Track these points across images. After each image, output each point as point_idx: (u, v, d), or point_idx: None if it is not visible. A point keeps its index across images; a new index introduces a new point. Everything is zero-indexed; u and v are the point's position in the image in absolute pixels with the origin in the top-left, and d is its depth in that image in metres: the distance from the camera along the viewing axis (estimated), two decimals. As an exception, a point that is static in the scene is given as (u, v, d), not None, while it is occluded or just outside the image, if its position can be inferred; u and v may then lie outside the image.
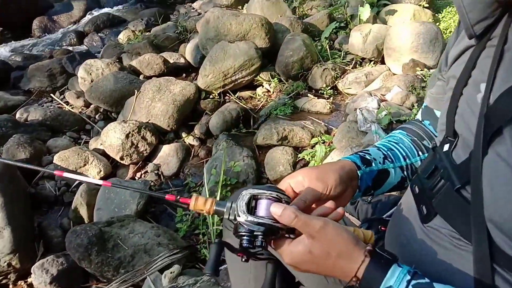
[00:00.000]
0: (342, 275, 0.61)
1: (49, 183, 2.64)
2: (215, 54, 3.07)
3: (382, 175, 0.83)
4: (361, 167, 0.81)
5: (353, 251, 0.61)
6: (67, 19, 5.41)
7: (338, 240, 0.62)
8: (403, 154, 0.87)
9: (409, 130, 0.91)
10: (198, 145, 2.90)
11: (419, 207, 0.68)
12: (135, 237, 1.99)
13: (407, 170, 0.86)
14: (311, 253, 0.62)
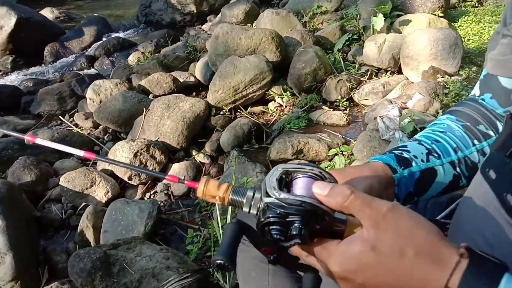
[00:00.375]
0: (422, 285, 0.41)
1: (56, 206, 2.53)
2: (224, 69, 2.98)
3: (427, 176, 0.66)
4: (397, 170, 0.64)
5: (440, 248, 0.41)
6: (78, 44, 5.43)
7: (416, 230, 0.43)
8: (453, 145, 0.69)
9: (459, 114, 0.74)
10: (209, 162, 2.77)
11: (501, 197, 0.50)
12: (143, 261, 1.84)
13: (460, 165, 0.69)
14: (375, 250, 0.42)
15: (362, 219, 0.45)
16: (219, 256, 0.45)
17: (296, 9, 4.38)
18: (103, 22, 5.87)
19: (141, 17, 6.29)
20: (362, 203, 0.45)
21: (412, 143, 0.70)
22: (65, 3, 7.57)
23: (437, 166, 0.67)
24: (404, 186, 0.64)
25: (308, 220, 0.45)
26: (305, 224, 0.45)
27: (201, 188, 0.51)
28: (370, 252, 0.43)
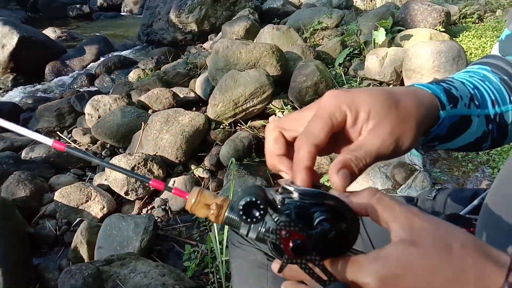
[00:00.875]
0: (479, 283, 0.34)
1: (50, 222, 2.45)
2: (224, 82, 2.94)
3: (462, 123, 0.55)
4: (446, 107, 0.51)
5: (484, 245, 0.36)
6: (79, 63, 5.44)
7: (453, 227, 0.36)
8: (492, 97, 0.57)
9: (494, 66, 0.62)
10: (208, 177, 2.71)
11: None
12: (137, 277, 1.76)
13: (493, 122, 0.57)
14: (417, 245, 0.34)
15: (392, 219, 0.37)
16: (246, 195, 0.35)
17: (296, 26, 4.39)
18: (105, 41, 5.90)
19: (142, 37, 6.33)
20: (391, 199, 0.38)
21: (457, 81, 0.58)
22: (68, 24, 7.67)
23: (475, 116, 0.56)
24: (442, 127, 0.53)
25: (333, 213, 0.37)
26: (331, 215, 0.37)
27: (191, 200, 0.41)
28: (411, 248, 0.35)
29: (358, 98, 0.44)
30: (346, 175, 0.41)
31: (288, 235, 0.34)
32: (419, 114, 0.46)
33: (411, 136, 0.45)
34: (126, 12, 8.94)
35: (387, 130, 0.43)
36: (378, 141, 0.43)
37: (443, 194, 0.74)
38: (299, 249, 0.35)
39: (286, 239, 0.34)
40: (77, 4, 8.97)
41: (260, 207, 0.34)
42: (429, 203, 0.73)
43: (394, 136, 0.43)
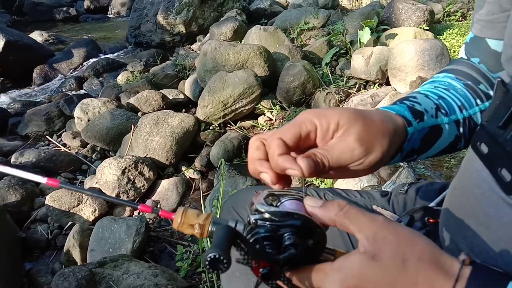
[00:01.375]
0: None
1: (41, 226, 2.46)
2: (213, 84, 2.97)
3: (434, 133, 0.60)
4: (413, 123, 0.56)
5: (440, 255, 0.40)
6: (67, 66, 5.42)
7: (414, 238, 0.41)
8: (458, 103, 0.62)
9: (458, 72, 0.67)
10: (199, 178, 2.73)
11: (495, 173, 0.46)
12: (130, 278, 1.78)
13: (464, 125, 0.62)
14: (377, 259, 0.39)
15: (358, 230, 0.42)
16: (212, 249, 0.39)
17: (283, 26, 4.43)
18: (93, 44, 5.88)
19: (130, 39, 6.32)
20: (357, 212, 0.43)
21: (420, 95, 0.63)
22: (55, 27, 7.61)
23: (444, 123, 0.61)
24: (412, 142, 0.58)
25: (301, 232, 0.41)
26: (298, 235, 0.41)
27: (177, 219, 0.44)
28: (371, 262, 0.40)
29: (328, 113, 0.49)
30: (311, 162, 0.46)
31: (257, 264, 0.40)
32: (386, 128, 0.51)
33: (379, 146, 0.49)
34: (114, 15, 8.90)
35: (352, 137, 0.48)
36: (342, 145, 0.48)
37: (415, 188, 0.78)
38: (268, 276, 0.40)
39: (256, 268, 0.40)
40: (64, 6, 8.90)
41: (224, 262, 0.38)
42: (402, 197, 0.78)
43: (360, 143, 0.48)
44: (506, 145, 0.45)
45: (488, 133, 0.49)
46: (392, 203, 0.78)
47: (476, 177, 0.50)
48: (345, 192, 0.81)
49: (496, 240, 0.46)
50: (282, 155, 0.47)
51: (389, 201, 0.79)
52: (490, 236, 0.46)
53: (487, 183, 0.48)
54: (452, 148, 0.64)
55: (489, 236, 0.47)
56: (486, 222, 0.47)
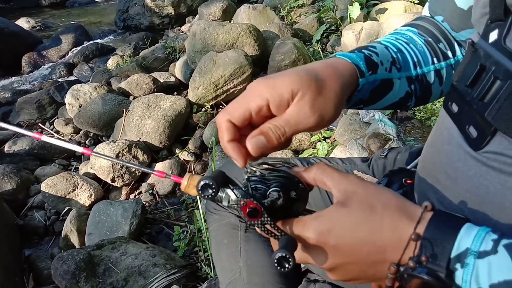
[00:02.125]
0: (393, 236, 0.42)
1: (39, 213, 2.48)
2: (203, 65, 2.95)
3: (384, 86, 0.60)
4: (365, 74, 0.56)
5: (405, 203, 0.44)
6: (56, 53, 5.35)
7: (381, 189, 0.45)
8: (414, 59, 0.62)
9: (421, 28, 0.67)
10: (193, 160, 2.75)
11: (463, 130, 0.49)
12: (128, 259, 1.81)
13: (415, 82, 0.63)
14: (346, 206, 0.44)
15: (333, 186, 0.46)
16: (204, 178, 0.45)
17: (273, 4, 4.38)
18: (81, 30, 5.79)
19: (119, 23, 6.23)
20: (332, 170, 0.47)
21: (380, 46, 0.63)
22: (42, 13, 7.47)
23: (396, 78, 0.61)
24: (363, 93, 0.58)
25: (284, 183, 0.47)
26: (282, 185, 0.47)
27: (184, 182, 0.52)
28: (342, 208, 0.44)
29: (279, 82, 0.49)
30: (259, 141, 0.48)
31: (245, 204, 0.45)
32: (337, 86, 0.51)
33: (331, 107, 0.50)
34: (101, -2, 8.73)
35: (307, 104, 0.49)
36: (297, 112, 0.49)
37: (394, 152, 0.81)
38: (253, 214, 0.45)
39: (244, 207, 0.45)
40: (49, -8, 8.71)
41: (212, 187, 0.45)
42: (381, 161, 0.80)
43: (315, 109, 0.49)
44: (473, 103, 0.47)
45: (457, 92, 0.51)
46: (372, 168, 0.81)
47: (447, 135, 0.53)
48: (328, 160, 0.83)
49: (463, 192, 0.49)
50: (230, 141, 0.49)
51: (369, 166, 0.81)
52: (458, 189, 0.49)
53: (456, 139, 0.50)
54: (401, 104, 0.65)
55: (457, 189, 0.49)
56: (454, 176, 0.50)
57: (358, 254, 0.43)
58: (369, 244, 0.42)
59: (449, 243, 0.39)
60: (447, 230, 0.40)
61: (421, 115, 2.10)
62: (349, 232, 0.43)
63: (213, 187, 0.45)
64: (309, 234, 0.44)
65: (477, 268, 0.38)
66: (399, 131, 1.87)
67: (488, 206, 0.46)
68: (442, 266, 0.39)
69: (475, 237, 0.39)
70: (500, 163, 0.44)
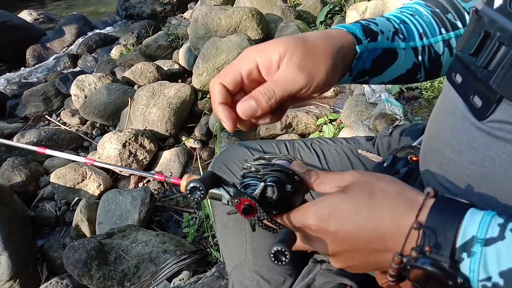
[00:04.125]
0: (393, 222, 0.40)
1: (49, 204, 2.51)
2: (207, 51, 2.93)
3: (387, 56, 0.59)
4: (363, 41, 0.55)
5: (405, 189, 0.42)
6: (60, 44, 5.35)
7: (380, 176, 0.44)
8: (420, 30, 0.61)
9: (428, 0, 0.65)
10: (200, 147, 2.75)
11: (467, 100, 0.47)
12: (139, 247, 1.83)
13: (423, 54, 0.61)
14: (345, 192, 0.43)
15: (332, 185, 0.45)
16: (193, 181, 0.45)
17: (275, -13, 4.32)
18: (83, 20, 5.77)
19: (121, 12, 6.20)
20: (331, 174, 0.46)
21: (381, 18, 0.62)
22: (43, 5, 7.44)
23: (400, 48, 0.60)
24: (363, 62, 0.57)
25: (280, 177, 0.46)
26: (276, 179, 0.46)
27: (183, 184, 0.52)
28: (341, 194, 0.43)
29: (268, 47, 0.50)
30: (248, 105, 0.48)
31: (238, 202, 0.45)
32: (328, 47, 0.51)
33: (322, 69, 0.50)
34: (102, -12, 8.67)
35: (295, 64, 0.48)
36: (286, 74, 0.48)
37: (399, 130, 0.79)
38: (248, 211, 0.45)
39: (238, 205, 0.45)
40: (50, -17, 8.67)
41: (200, 189, 0.44)
42: (386, 139, 0.79)
43: (303, 68, 0.49)
44: (477, 72, 0.45)
45: (461, 62, 0.49)
46: (377, 146, 0.79)
47: (450, 106, 0.51)
48: (332, 140, 0.82)
49: (468, 164, 0.47)
50: (221, 104, 0.49)
51: (374, 144, 0.80)
52: (463, 161, 0.48)
53: (460, 110, 0.49)
54: (411, 77, 0.63)
55: (462, 162, 0.48)
56: (459, 148, 0.49)
57: (358, 241, 0.42)
58: (368, 230, 0.41)
59: (451, 232, 0.37)
60: (449, 218, 0.38)
61: (428, 94, 2.07)
62: (349, 218, 0.42)
63: (201, 189, 0.44)
64: (309, 221, 0.43)
65: (485, 256, 0.36)
66: (406, 110, 1.85)
67: (493, 177, 0.45)
68: (445, 256, 0.37)
69: (480, 223, 0.37)
70: (505, 132, 0.43)
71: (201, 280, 1.17)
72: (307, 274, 0.65)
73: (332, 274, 0.62)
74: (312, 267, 0.65)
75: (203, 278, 1.18)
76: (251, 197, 0.44)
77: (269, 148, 0.81)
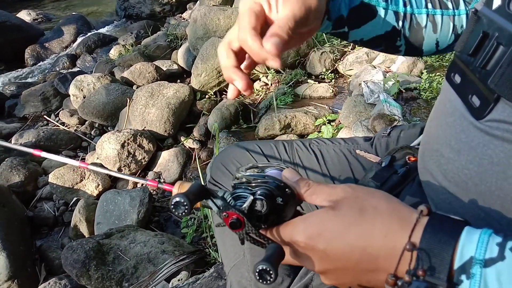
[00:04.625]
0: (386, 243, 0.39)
1: (47, 204, 2.51)
2: (205, 51, 2.93)
3: (366, 10, 0.61)
4: None
5: (398, 206, 0.41)
6: (58, 44, 5.35)
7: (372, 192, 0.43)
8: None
9: None
10: (199, 147, 2.75)
11: (466, 100, 0.47)
12: (137, 247, 1.83)
13: (404, 20, 0.62)
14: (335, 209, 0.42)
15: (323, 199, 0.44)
16: (178, 196, 0.44)
17: (274, -13, 4.32)
18: (82, 20, 5.77)
19: (120, 12, 6.20)
20: (322, 186, 0.45)
21: None
22: (42, 5, 7.44)
23: (380, 7, 0.61)
24: (338, 7, 0.59)
25: (269, 190, 0.45)
26: (266, 192, 0.45)
27: (175, 191, 0.53)
28: (331, 211, 0.42)
29: None
30: (276, 41, 0.47)
31: (227, 215, 0.44)
32: None
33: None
34: (101, -12, 8.67)
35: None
36: (290, 8, 0.50)
37: (397, 130, 0.80)
38: (235, 225, 0.44)
39: (226, 218, 0.44)
40: (49, -17, 8.66)
41: (185, 204, 0.43)
42: (384, 140, 0.79)
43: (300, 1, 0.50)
44: (476, 72, 0.46)
45: (460, 62, 0.50)
46: (375, 147, 0.80)
47: (449, 106, 0.52)
48: (330, 140, 0.82)
49: (466, 163, 0.48)
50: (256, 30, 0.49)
51: (372, 145, 0.80)
52: (461, 160, 0.48)
53: (459, 110, 0.49)
54: (390, 42, 0.64)
55: (460, 161, 0.48)
56: (457, 148, 0.49)
57: (348, 261, 0.41)
58: (359, 250, 0.40)
59: (448, 253, 0.36)
60: (445, 238, 0.37)
61: (426, 95, 2.07)
62: (339, 236, 0.40)
63: (185, 204, 0.43)
64: (298, 238, 0.42)
65: (485, 278, 0.35)
66: (404, 111, 1.85)
67: (492, 176, 0.45)
68: (442, 279, 0.36)
69: (478, 243, 0.36)
70: (503, 131, 0.43)
71: (199, 280, 1.17)
72: (305, 274, 0.65)
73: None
74: (310, 267, 0.65)
75: (201, 278, 1.18)
76: (240, 210, 0.43)
77: (267, 148, 0.81)
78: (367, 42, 0.65)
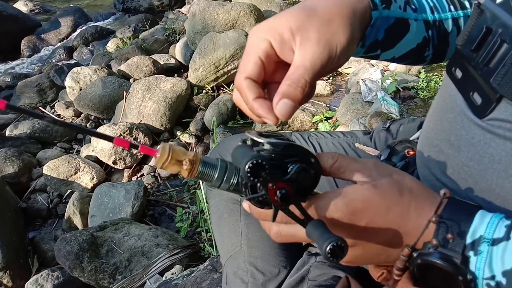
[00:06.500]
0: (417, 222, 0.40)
1: (41, 196, 2.49)
2: (204, 46, 2.92)
3: (400, 27, 0.54)
4: (378, 7, 0.50)
5: (425, 189, 0.43)
6: (55, 36, 5.30)
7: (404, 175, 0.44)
8: (430, 4, 0.58)
9: None
10: (195, 142, 2.74)
11: (467, 97, 0.46)
12: (131, 240, 1.82)
13: (433, 28, 0.58)
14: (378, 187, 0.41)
15: (353, 176, 0.43)
16: (248, 158, 0.35)
17: (274, -16, 4.30)
18: (80, 12, 5.72)
19: (118, 5, 6.15)
20: (350, 160, 0.43)
21: None
22: (39, -4, 7.37)
23: (412, 20, 0.55)
24: (376, 31, 0.52)
25: (306, 160, 0.40)
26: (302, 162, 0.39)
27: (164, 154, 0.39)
28: (374, 189, 0.41)
29: (275, 23, 0.45)
30: (286, 104, 0.43)
31: (274, 186, 0.37)
32: (343, 12, 0.46)
33: (341, 36, 0.44)
34: (99, -20, 8.61)
35: (313, 39, 0.43)
36: (309, 53, 0.43)
37: (396, 124, 0.80)
38: (286, 198, 0.38)
39: (273, 190, 0.38)
40: (47, -26, 8.59)
41: (266, 167, 0.36)
42: (383, 133, 0.78)
43: (323, 41, 0.43)
44: (477, 69, 0.45)
45: (462, 57, 0.48)
46: (374, 140, 0.79)
47: (450, 102, 0.51)
48: (329, 134, 0.81)
49: (466, 161, 0.47)
50: (256, 99, 0.44)
51: (371, 138, 0.80)
52: (461, 157, 0.48)
53: (459, 107, 0.48)
54: (419, 53, 0.60)
55: (460, 158, 0.48)
56: (457, 144, 0.48)
57: (382, 237, 0.42)
58: (395, 227, 0.41)
59: (466, 229, 0.39)
60: (463, 217, 0.39)
61: (424, 94, 2.07)
62: (380, 214, 0.41)
63: (266, 167, 0.35)
64: (338, 213, 0.40)
65: (491, 255, 0.37)
66: (401, 110, 1.85)
67: (492, 174, 0.45)
68: (458, 252, 0.38)
69: (489, 224, 0.38)
70: (505, 130, 0.43)
71: (194, 273, 1.17)
72: (301, 266, 0.65)
73: (327, 266, 0.62)
74: (307, 259, 0.65)
75: (196, 271, 1.18)
76: (289, 181, 0.38)
77: None
78: (398, 59, 0.61)
